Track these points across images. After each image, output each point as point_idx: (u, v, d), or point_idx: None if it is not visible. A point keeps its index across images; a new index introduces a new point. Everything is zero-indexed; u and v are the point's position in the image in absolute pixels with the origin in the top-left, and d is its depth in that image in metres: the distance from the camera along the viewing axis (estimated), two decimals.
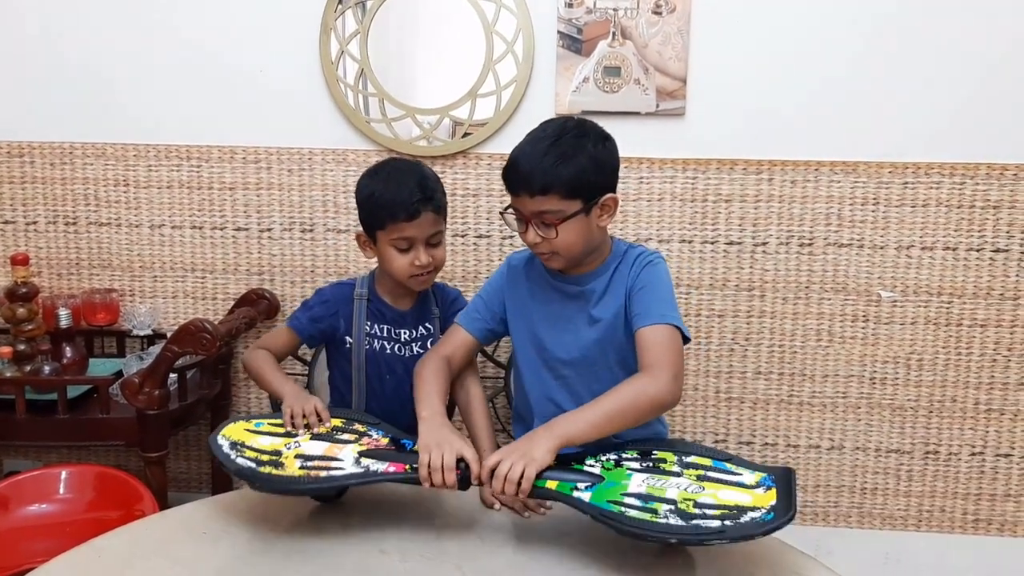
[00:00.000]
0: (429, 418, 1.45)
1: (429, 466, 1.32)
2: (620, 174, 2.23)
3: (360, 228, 1.74)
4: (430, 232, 1.66)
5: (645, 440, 1.45)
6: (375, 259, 1.73)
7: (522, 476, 1.28)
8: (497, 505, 1.43)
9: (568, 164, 1.46)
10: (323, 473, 1.33)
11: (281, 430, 1.47)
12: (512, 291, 1.70)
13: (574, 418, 1.40)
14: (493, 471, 1.31)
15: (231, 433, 1.44)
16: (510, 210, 1.56)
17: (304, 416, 1.48)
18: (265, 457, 1.38)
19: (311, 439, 1.44)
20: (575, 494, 1.27)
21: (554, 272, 1.62)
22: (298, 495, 1.38)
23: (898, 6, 2.15)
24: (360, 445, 1.42)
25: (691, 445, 1.41)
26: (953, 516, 2.37)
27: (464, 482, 1.34)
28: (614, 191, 1.55)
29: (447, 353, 1.65)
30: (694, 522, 1.18)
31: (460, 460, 1.34)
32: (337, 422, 1.51)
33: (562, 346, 1.63)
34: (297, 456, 1.38)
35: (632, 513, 1.21)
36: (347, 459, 1.37)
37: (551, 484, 1.29)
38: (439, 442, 1.36)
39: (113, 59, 2.32)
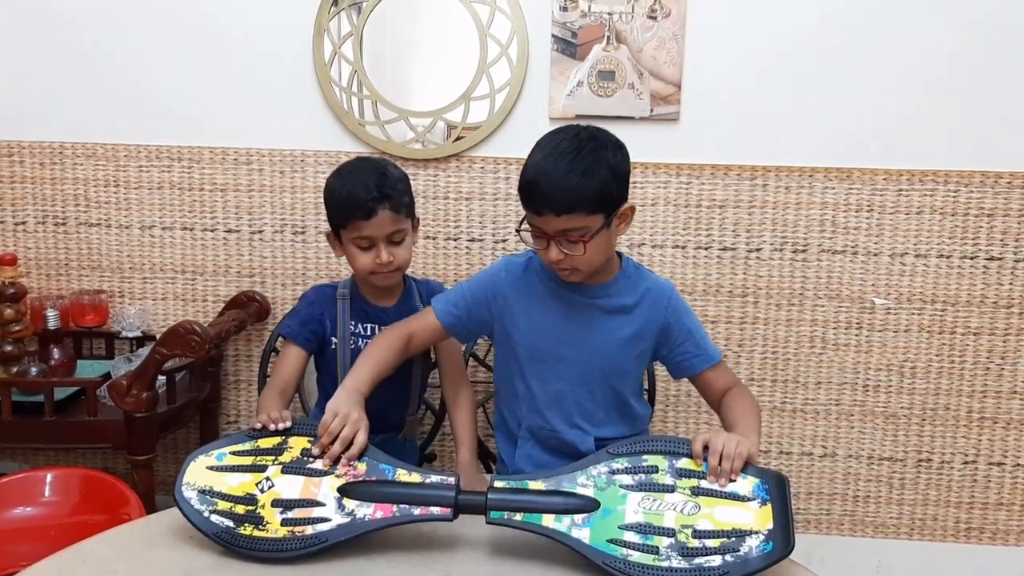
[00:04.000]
0: (349, 387, 1.47)
1: (328, 431, 1.34)
2: None
3: (329, 227, 1.74)
4: (389, 231, 1.64)
5: (632, 439, 1.38)
6: (344, 257, 1.73)
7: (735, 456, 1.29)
8: None
9: (592, 180, 1.42)
10: (308, 529, 1.27)
11: (248, 460, 1.35)
12: (508, 296, 1.63)
13: (752, 433, 1.44)
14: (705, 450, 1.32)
15: (195, 478, 1.33)
16: (526, 226, 1.50)
17: (270, 419, 1.41)
18: (241, 509, 1.29)
19: (282, 472, 1.33)
20: (574, 533, 1.24)
21: (562, 282, 1.57)
22: (286, 561, 1.27)
23: (893, 13, 2.15)
24: (337, 477, 1.33)
25: (679, 443, 1.36)
26: (946, 525, 2.36)
27: (456, 512, 1.28)
28: (627, 198, 1.51)
29: (410, 331, 1.63)
30: (696, 562, 1.19)
31: (455, 484, 1.30)
32: (304, 443, 1.37)
33: (561, 363, 1.59)
34: (275, 503, 1.30)
35: (634, 557, 1.21)
36: (329, 502, 1.29)
37: (547, 521, 1.26)
38: (347, 411, 1.37)
39: (104, 58, 2.30)
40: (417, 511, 1.28)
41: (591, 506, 1.27)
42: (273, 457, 1.36)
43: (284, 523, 1.28)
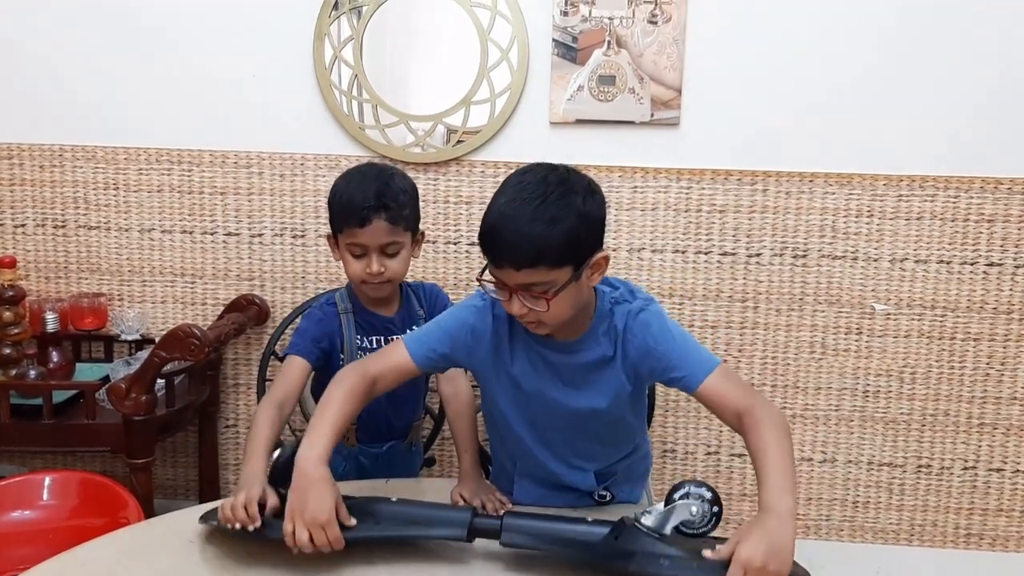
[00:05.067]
0: (303, 465, 1.28)
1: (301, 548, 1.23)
2: (614, 183, 2.22)
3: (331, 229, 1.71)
4: (383, 241, 1.61)
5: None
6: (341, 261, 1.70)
7: None
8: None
9: (557, 230, 1.25)
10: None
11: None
12: (492, 342, 1.46)
13: (786, 491, 1.25)
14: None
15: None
16: (488, 276, 1.34)
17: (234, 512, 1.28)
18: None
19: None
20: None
21: (539, 337, 1.42)
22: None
23: (893, 20, 2.15)
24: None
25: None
26: (945, 530, 2.36)
27: (472, 534, 1.28)
28: (602, 246, 1.35)
29: (375, 375, 1.45)
30: None
31: (474, 510, 1.33)
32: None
33: (550, 414, 1.47)
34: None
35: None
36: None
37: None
38: (305, 516, 1.23)
39: (105, 61, 2.30)
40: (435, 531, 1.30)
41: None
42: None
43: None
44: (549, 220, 1.25)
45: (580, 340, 1.42)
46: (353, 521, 1.25)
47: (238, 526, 1.26)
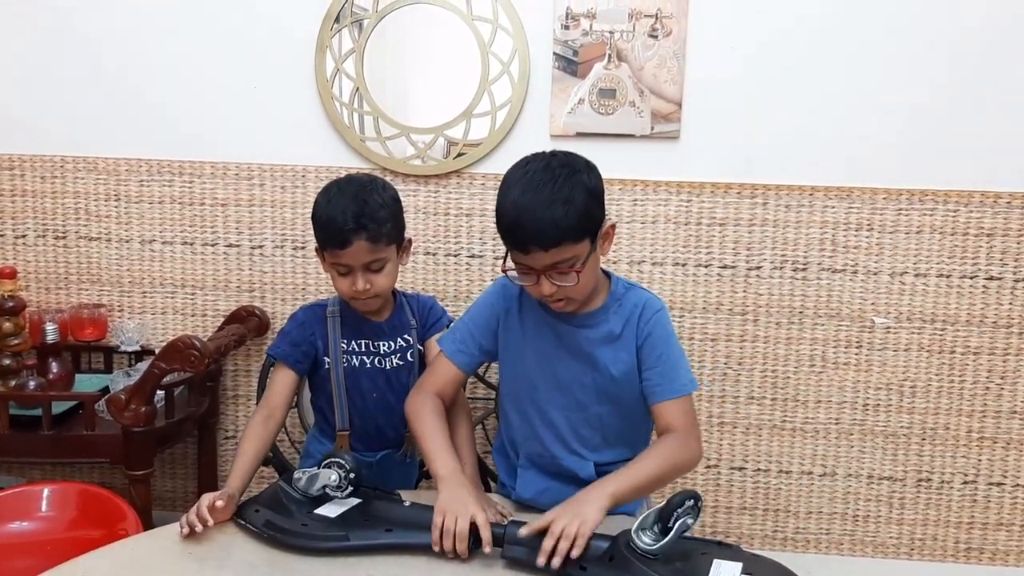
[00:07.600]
0: (448, 477, 1.45)
1: (442, 530, 1.32)
2: (615, 196, 2.23)
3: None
4: (366, 260, 1.61)
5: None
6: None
7: (576, 536, 1.27)
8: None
9: (573, 208, 1.39)
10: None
11: None
12: (505, 321, 1.61)
13: (623, 479, 1.40)
14: (544, 530, 1.30)
15: None
16: (510, 264, 1.47)
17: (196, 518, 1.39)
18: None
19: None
20: None
21: (551, 310, 1.53)
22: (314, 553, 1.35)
23: (890, 35, 2.16)
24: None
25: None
26: (945, 544, 2.35)
27: (474, 543, 1.33)
28: (605, 217, 1.50)
29: (438, 389, 1.62)
30: None
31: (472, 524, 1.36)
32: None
33: (554, 391, 1.56)
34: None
35: None
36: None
37: None
38: (455, 506, 1.35)
39: (106, 72, 2.31)
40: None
41: None
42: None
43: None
44: (564, 200, 1.39)
45: (591, 315, 1.54)
46: (488, 550, 1.32)
47: (199, 528, 1.35)
